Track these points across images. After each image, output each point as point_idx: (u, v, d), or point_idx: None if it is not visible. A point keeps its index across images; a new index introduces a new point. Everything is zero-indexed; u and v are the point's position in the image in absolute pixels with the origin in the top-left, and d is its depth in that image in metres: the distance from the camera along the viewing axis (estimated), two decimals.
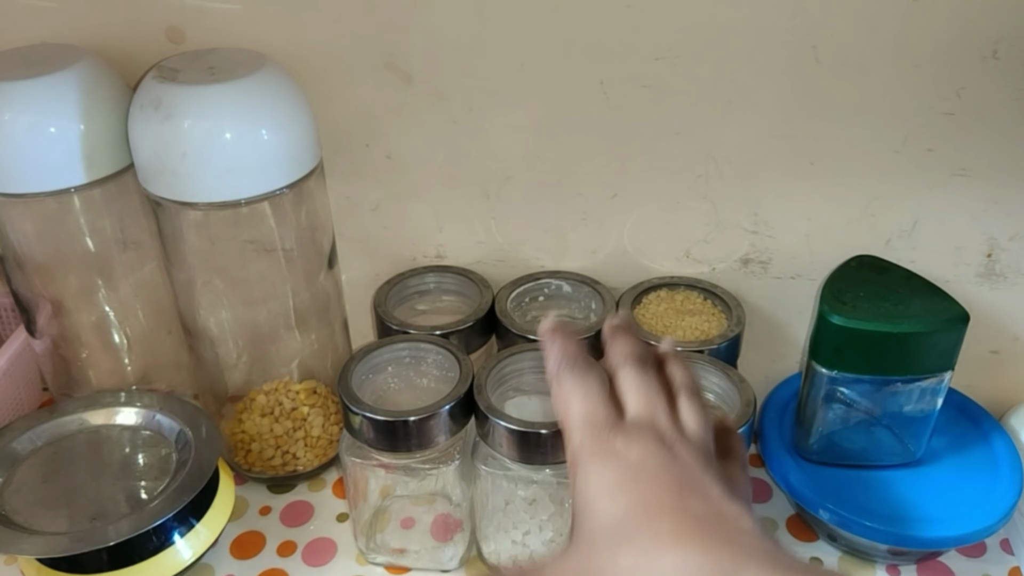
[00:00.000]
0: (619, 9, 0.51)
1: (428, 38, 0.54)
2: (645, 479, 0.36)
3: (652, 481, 0.35)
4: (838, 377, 0.52)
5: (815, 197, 0.56)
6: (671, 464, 0.36)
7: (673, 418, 0.39)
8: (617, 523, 0.35)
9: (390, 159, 0.59)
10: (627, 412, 0.39)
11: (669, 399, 0.40)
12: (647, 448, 0.37)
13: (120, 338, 0.61)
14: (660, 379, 0.41)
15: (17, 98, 0.50)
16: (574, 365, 0.40)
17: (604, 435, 0.37)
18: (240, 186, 0.49)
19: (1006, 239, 0.56)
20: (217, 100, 0.48)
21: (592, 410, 0.39)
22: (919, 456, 0.55)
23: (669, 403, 0.40)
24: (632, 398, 0.39)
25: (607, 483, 0.36)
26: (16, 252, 0.56)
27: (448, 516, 0.55)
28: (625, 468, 0.36)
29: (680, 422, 0.39)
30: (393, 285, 0.60)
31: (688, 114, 0.54)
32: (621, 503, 0.35)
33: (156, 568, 0.50)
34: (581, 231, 0.60)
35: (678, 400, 0.40)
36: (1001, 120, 0.52)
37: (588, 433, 0.38)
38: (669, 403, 0.40)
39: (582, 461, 0.37)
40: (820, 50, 0.51)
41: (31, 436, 0.55)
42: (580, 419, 0.39)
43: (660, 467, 0.36)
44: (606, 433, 0.38)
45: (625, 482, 0.36)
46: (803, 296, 0.60)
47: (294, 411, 0.59)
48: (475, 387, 0.50)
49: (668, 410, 0.39)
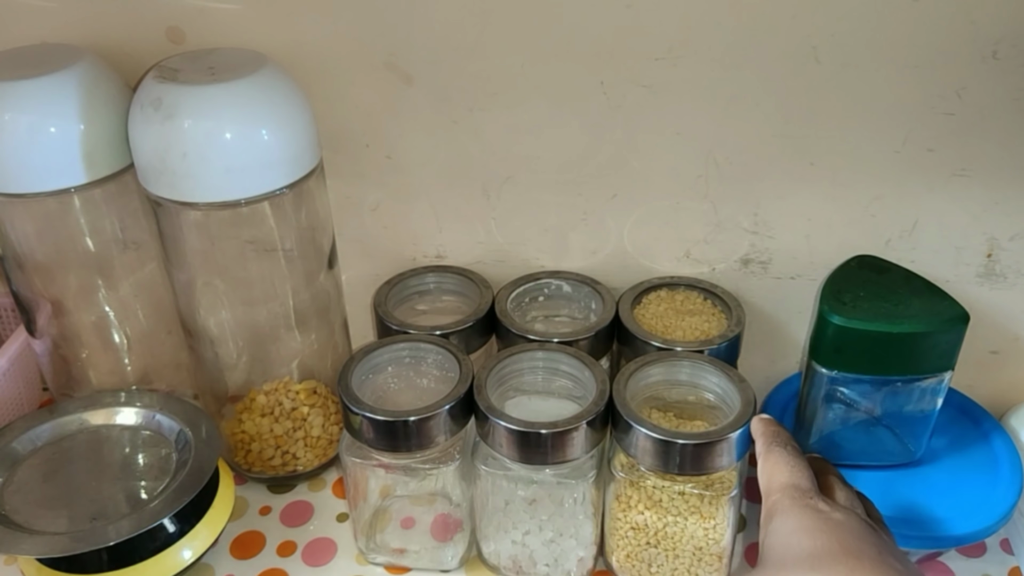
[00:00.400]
0: (619, 9, 0.51)
1: (428, 38, 0.54)
2: (846, 532, 0.38)
3: (853, 534, 0.38)
4: (838, 377, 0.52)
5: (815, 197, 0.56)
6: (872, 531, 0.39)
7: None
8: (813, 554, 0.37)
9: (390, 159, 0.59)
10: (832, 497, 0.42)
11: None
12: (849, 515, 0.39)
13: (120, 338, 0.61)
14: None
15: (17, 98, 0.50)
16: (787, 445, 0.44)
17: (808, 497, 0.40)
18: (240, 186, 0.49)
19: (1006, 239, 0.56)
20: (217, 100, 0.48)
21: (799, 479, 0.42)
22: (919, 456, 0.55)
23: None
24: (838, 493, 0.43)
25: (806, 525, 0.38)
26: (16, 252, 0.56)
27: (448, 516, 0.55)
28: (826, 520, 0.39)
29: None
30: (393, 285, 0.60)
31: (688, 114, 0.54)
32: (820, 541, 0.37)
33: (156, 568, 0.50)
34: (581, 231, 0.60)
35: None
36: (1001, 120, 0.52)
37: (791, 493, 0.41)
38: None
39: (780, 511, 0.40)
40: (820, 50, 0.51)
41: (31, 436, 0.55)
42: (784, 483, 0.42)
43: (861, 528, 0.38)
44: (810, 496, 0.40)
45: (825, 529, 0.38)
46: (803, 296, 0.60)
47: (294, 411, 0.59)
48: (475, 387, 0.50)
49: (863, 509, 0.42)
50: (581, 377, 0.52)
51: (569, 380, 0.53)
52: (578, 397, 0.51)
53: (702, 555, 0.50)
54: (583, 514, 0.52)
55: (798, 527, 0.39)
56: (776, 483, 0.42)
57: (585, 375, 0.51)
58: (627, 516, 0.50)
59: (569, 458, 0.48)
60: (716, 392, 0.51)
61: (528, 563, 0.53)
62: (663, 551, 0.51)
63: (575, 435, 0.48)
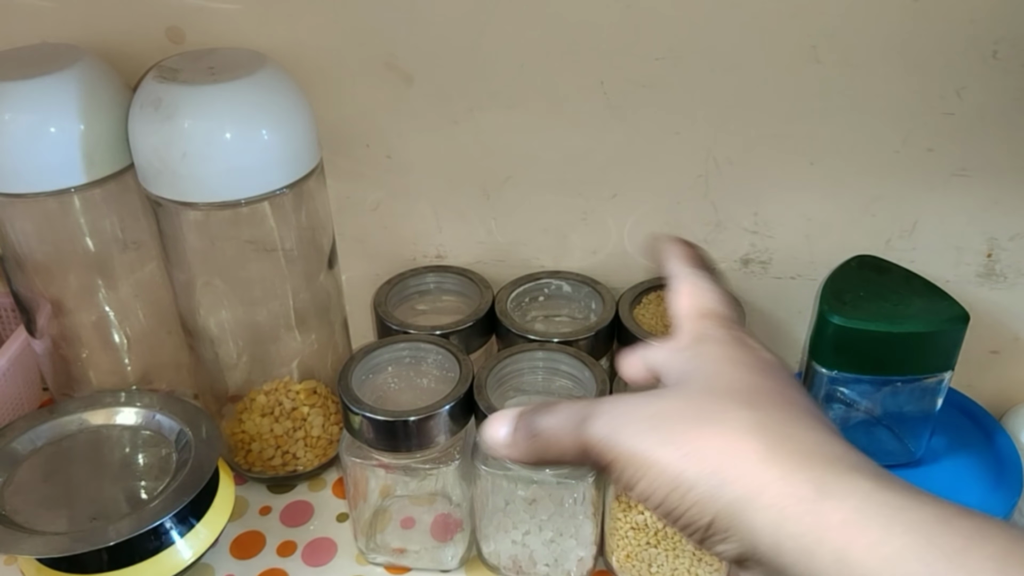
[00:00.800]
0: (619, 9, 0.51)
1: (428, 38, 0.54)
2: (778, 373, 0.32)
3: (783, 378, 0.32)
4: (838, 377, 0.52)
5: (815, 197, 0.56)
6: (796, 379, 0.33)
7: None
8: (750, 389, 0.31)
9: (390, 159, 0.59)
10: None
11: None
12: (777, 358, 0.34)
13: (120, 338, 0.61)
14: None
15: (17, 98, 0.50)
16: (700, 267, 0.38)
17: (737, 328, 0.35)
18: (240, 186, 0.49)
19: (1006, 239, 0.56)
20: (217, 100, 0.48)
21: (725, 308, 0.36)
22: (919, 456, 0.55)
23: None
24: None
25: (739, 357, 0.33)
26: (16, 252, 0.56)
27: (448, 516, 0.55)
28: (759, 356, 0.33)
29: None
30: (393, 285, 0.60)
31: (688, 114, 0.54)
32: (756, 378, 0.32)
33: (156, 568, 0.50)
34: (581, 231, 0.60)
35: None
36: (1001, 120, 0.52)
37: (719, 321, 0.35)
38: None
39: (709, 338, 0.34)
40: (820, 50, 0.51)
41: (31, 436, 0.55)
42: (711, 310, 0.36)
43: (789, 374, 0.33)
44: (738, 328, 0.35)
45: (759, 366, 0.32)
46: (803, 296, 0.60)
47: (294, 411, 0.59)
48: (475, 387, 0.50)
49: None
50: (581, 377, 0.52)
51: (569, 380, 0.53)
52: (578, 397, 0.51)
53: (702, 555, 0.50)
54: (583, 514, 0.52)
55: (730, 356, 0.33)
56: (700, 308, 0.36)
57: (585, 375, 0.51)
58: (627, 516, 0.50)
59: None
60: None
61: (528, 563, 0.53)
62: (663, 551, 0.51)
63: None
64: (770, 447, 0.28)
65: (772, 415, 0.30)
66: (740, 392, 0.31)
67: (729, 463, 0.28)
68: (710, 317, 0.35)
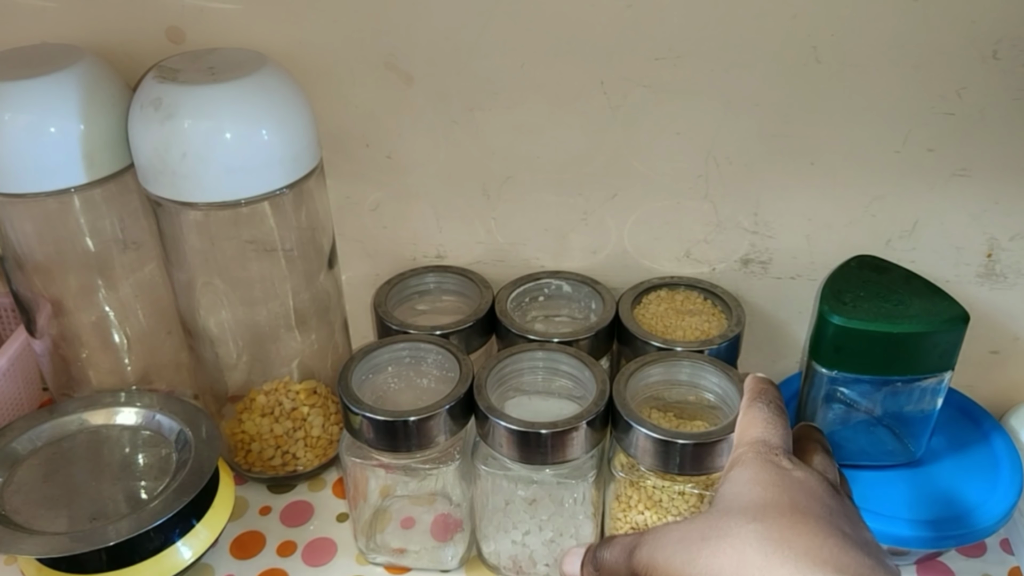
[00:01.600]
0: (619, 9, 0.51)
1: (428, 38, 0.54)
2: (800, 489, 0.37)
3: (807, 492, 0.36)
4: (838, 377, 0.52)
5: (815, 197, 0.56)
6: (832, 494, 0.37)
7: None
8: (760, 505, 0.36)
9: (390, 159, 0.59)
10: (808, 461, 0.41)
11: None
12: (811, 474, 0.38)
13: (120, 338, 0.61)
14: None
15: (17, 98, 0.50)
16: (770, 403, 0.43)
17: (773, 453, 0.39)
18: (240, 186, 0.49)
19: (1006, 239, 0.56)
20: (217, 100, 0.48)
21: (770, 435, 0.41)
22: (919, 456, 0.55)
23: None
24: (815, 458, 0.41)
25: (762, 478, 0.37)
26: (16, 252, 0.56)
27: (448, 516, 0.55)
28: (784, 476, 0.37)
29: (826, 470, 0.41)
30: (393, 285, 0.60)
31: (688, 114, 0.54)
32: (771, 494, 0.36)
33: (156, 568, 0.50)
34: (581, 231, 0.60)
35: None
36: (1001, 120, 0.52)
37: (757, 447, 0.40)
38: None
39: (741, 463, 0.39)
40: (820, 50, 0.51)
41: (31, 436, 0.55)
42: (754, 438, 0.40)
43: (819, 489, 0.37)
44: (776, 453, 0.39)
45: (781, 485, 0.37)
46: (803, 296, 0.60)
47: (294, 411, 0.59)
48: (475, 387, 0.50)
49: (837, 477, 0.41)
50: (581, 377, 0.52)
51: (569, 380, 0.53)
52: (578, 397, 0.51)
53: None
54: (583, 514, 0.52)
55: (753, 478, 0.38)
56: (747, 437, 0.41)
57: (585, 375, 0.51)
58: (627, 516, 0.50)
59: (569, 458, 0.48)
60: (716, 392, 0.51)
61: (528, 563, 0.53)
62: None
63: (575, 435, 0.48)
64: (767, 555, 0.33)
65: (776, 525, 0.34)
66: (751, 509, 0.35)
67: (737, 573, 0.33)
68: (754, 444, 0.40)
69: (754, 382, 0.46)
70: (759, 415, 0.42)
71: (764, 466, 0.38)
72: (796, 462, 0.39)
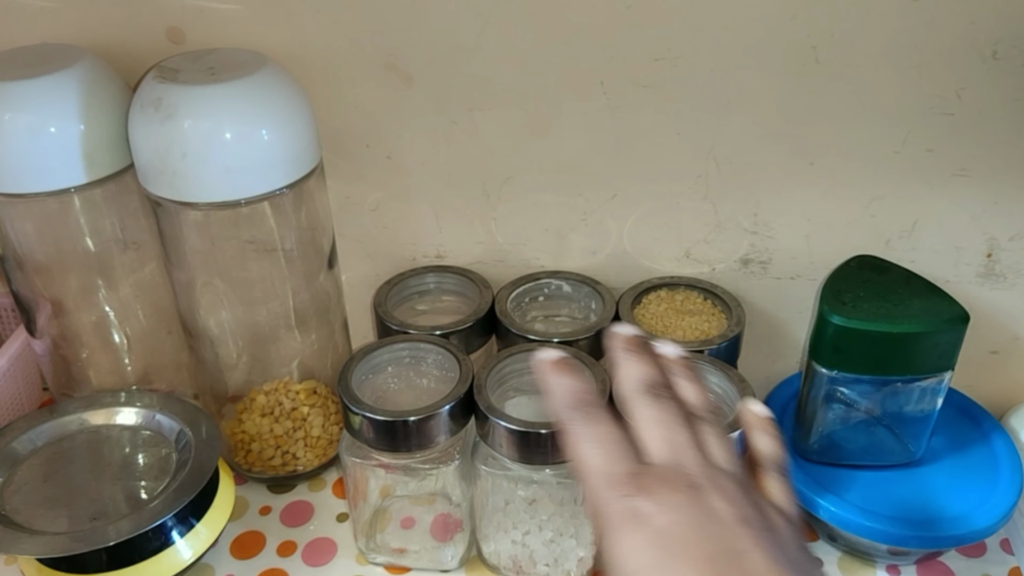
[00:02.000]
0: (619, 9, 0.51)
1: (428, 38, 0.54)
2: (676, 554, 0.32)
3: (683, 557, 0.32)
4: (838, 377, 0.52)
5: (815, 197, 0.56)
6: (705, 524, 0.33)
7: (701, 454, 0.35)
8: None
9: (390, 159, 0.59)
10: (648, 457, 0.35)
11: (691, 430, 0.36)
12: (676, 508, 0.33)
13: (120, 338, 0.61)
14: (677, 405, 0.37)
15: (17, 98, 0.50)
16: (582, 409, 0.37)
17: (626, 496, 0.34)
18: (240, 186, 0.49)
19: (1006, 239, 0.56)
20: (217, 100, 0.48)
21: (608, 465, 0.35)
22: (919, 456, 0.55)
23: (692, 435, 0.36)
24: (652, 439, 0.36)
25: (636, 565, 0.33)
26: (16, 252, 0.56)
27: (448, 516, 0.55)
28: (652, 540, 0.33)
29: (709, 456, 0.36)
30: (393, 285, 0.60)
31: (688, 114, 0.54)
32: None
33: (156, 568, 0.50)
34: (581, 231, 0.60)
35: (700, 428, 0.37)
36: (1001, 120, 0.52)
37: (607, 494, 0.34)
38: (692, 435, 0.36)
39: (608, 528, 0.34)
40: (820, 50, 0.51)
41: (31, 436, 0.55)
42: (596, 475, 0.35)
43: (692, 533, 0.33)
44: (628, 492, 0.34)
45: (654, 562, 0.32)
46: (803, 296, 0.60)
47: (294, 411, 0.59)
48: (475, 387, 0.50)
49: (694, 446, 0.36)
50: None
51: None
52: None
53: None
54: (583, 514, 0.52)
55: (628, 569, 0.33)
56: (586, 472, 0.35)
57: (585, 375, 0.51)
58: None
59: (569, 458, 0.48)
60: (716, 392, 0.51)
61: (528, 563, 0.53)
62: None
63: None
64: None
65: None
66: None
67: None
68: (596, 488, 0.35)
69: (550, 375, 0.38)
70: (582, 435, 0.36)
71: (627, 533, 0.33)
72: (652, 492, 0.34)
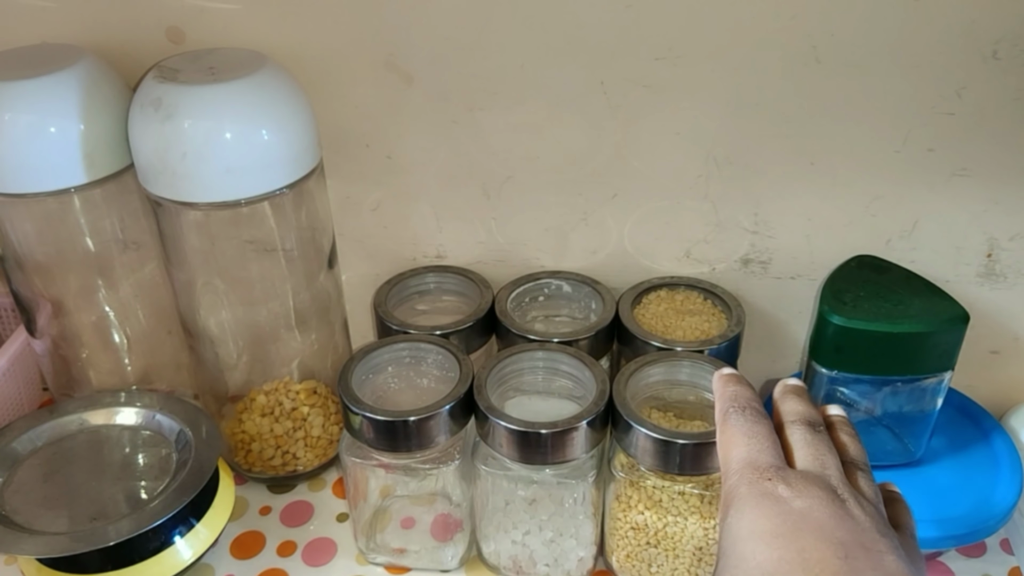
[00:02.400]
0: (619, 9, 0.51)
1: (428, 38, 0.54)
2: (808, 531, 0.33)
3: (816, 534, 0.32)
4: (838, 377, 0.52)
5: (815, 197, 0.56)
6: (841, 518, 0.33)
7: (846, 478, 0.36)
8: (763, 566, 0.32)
9: (390, 159, 0.59)
10: (795, 464, 0.37)
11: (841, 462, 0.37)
12: (814, 497, 0.34)
13: (120, 338, 0.61)
14: (831, 443, 0.39)
15: (17, 98, 0.50)
16: (744, 409, 0.39)
17: (766, 479, 0.35)
18: (240, 186, 0.49)
19: (1006, 239, 0.56)
20: (217, 100, 0.48)
21: (756, 454, 0.37)
22: (919, 456, 0.55)
23: (841, 465, 0.37)
24: (801, 453, 0.37)
25: (763, 528, 0.33)
26: (16, 252, 0.56)
27: (448, 516, 0.55)
28: (786, 515, 0.33)
29: (854, 483, 0.37)
30: (393, 285, 0.60)
31: (688, 114, 0.54)
32: (775, 552, 0.32)
33: (156, 568, 0.50)
34: (581, 231, 0.60)
35: (850, 467, 0.38)
36: (1001, 120, 0.52)
37: (747, 475, 0.36)
38: (841, 465, 0.37)
39: (736, 501, 0.35)
40: (820, 50, 0.51)
41: (31, 436, 0.55)
42: (741, 461, 0.37)
43: (827, 519, 0.33)
44: (769, 477, 0.35)
45: (784, 530, 0.33)
46: (803, 296, 0.60)
47: (294, 411, 0.59)
48: (475, 387, 0.50)
49: (840, 470, 0.37)
50: (581, 377, 0.52)
51: (569, 380, 0.53)
52: (578, 397, 0.51)
53: (702, 555, 0.50)
54: (583, 514, 0.52)
55: (754, 529, 0.33)
56: (731, 460, 0.37)
57: (585, 375, 0.51)
58: (627, 516, 0.50)
59: (569, 458, 0.48)
60: None
61: (528, 563, 0.53)
62: (663, 551, 0.51)
63: (575, 435, 0.48)
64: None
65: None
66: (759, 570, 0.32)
67: None
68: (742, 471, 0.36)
69: (722, 383, 0.42)
70: (739, 428, 0.38)
71: (759, 505, 0.34)
72: (793, 482, 0.35)
